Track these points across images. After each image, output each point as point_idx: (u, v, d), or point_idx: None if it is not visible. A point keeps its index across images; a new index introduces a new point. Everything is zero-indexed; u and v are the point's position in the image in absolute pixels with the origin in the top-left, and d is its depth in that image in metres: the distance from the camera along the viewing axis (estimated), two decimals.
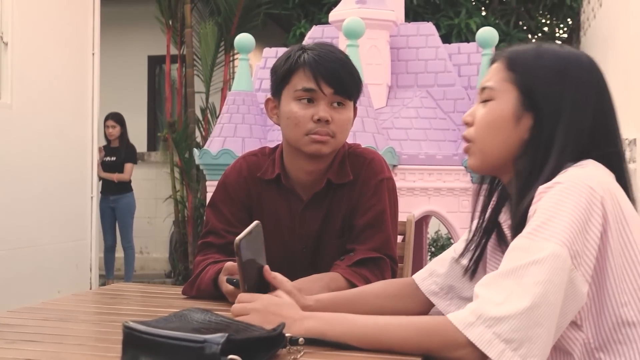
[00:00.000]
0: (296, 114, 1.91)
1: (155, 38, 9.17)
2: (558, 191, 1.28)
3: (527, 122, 1.40)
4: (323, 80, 1.88)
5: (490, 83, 1.46)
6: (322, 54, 1.90)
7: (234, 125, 4.27)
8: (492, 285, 1.23)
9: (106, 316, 1.61)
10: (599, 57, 7.31)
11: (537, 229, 1.25)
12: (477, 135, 1.46)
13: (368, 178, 2.01)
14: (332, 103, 1.91)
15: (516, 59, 1.45)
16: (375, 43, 4.42)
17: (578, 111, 1.38)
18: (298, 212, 2.01)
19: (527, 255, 1.23)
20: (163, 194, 8.98)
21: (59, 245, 6.46)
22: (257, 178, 2.04)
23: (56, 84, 6.44)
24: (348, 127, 1.96)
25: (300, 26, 9.05)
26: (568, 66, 1.41)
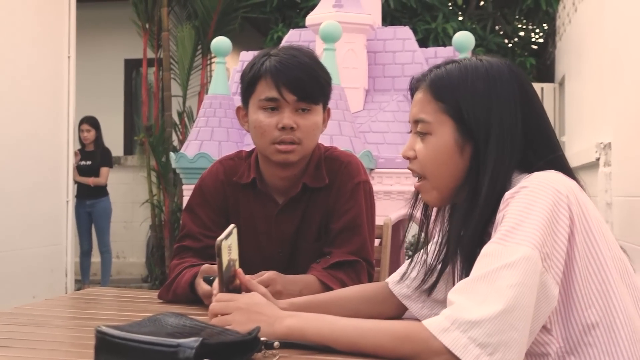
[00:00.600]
0: (261, 123, 1.92)
1: (132, 41, 9.12)
2: (524, 195, 1.29)
3: (469, 148, 1.40)
4: (285, 87, 1.87)
5: (423, 116, 1.44)
6: (285, 60, 1.89)
7: (210, 129, 4.25)
8: (466, 291, 1.23)
9: (80, 321, 1.59)
10: (575, 61, 7.37)
11: (507, 234, 1.25)
12: (426, 172, 1.44)
13: (344, 181, 2.00)
14: (297, 109, 1.91)
15: (441, 87, 1.43)
16: (352, 47, 4.43)
17: (507, 126, 1.38)
18: (273, 216, 2.01)
19: (498, 260, 1.23)
20: (140, 198, 8.93)
21: (34, 250, 6.39)
22: (234, 182, 2.04)
23: (31, 87, 6.38)
24: (316, 132, 1.95)
25: (277, 30, 9.05)
26: (491, 83, 1.40)
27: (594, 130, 5.63)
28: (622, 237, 3.86)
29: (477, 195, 1.37)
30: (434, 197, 1.46)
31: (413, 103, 1.49)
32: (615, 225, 4.32)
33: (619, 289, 1.32)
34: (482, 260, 1.26)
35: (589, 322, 1.30)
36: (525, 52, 10.36)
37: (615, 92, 4.66)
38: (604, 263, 1.31)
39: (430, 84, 1.45)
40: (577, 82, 7.17)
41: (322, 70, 1.95)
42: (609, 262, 1.32)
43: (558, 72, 9.10)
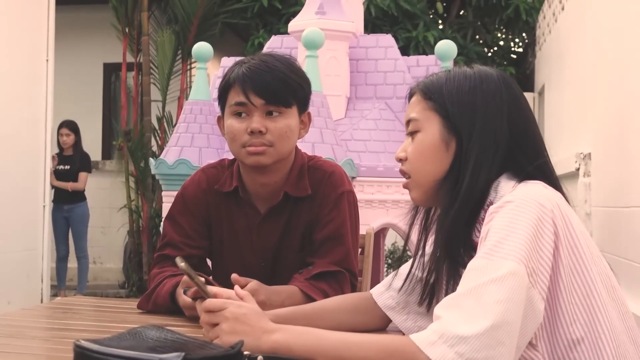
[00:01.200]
0: (232, 128, 1.92)
1: (111, 45, 9.05)
2: (509, 210, 1.28)
3: (453, 145, 1.43)
4: (252, 92, 1.88)
5: (413, 114, 1.48)
6: (254, 66, 1.90)
7: (190, 135, 4.22)
8: (452, 306, 1.21)
9: (57, 332, 1.55)
10: (554, 71, 7.41)
11: (493, 249, 1.24)
12: (412, 168, 1.48)
13: (328, 191, 1.99)
14: (266, 113, 1.90)
15: (430, 86, 1.48)
16: (335, 54, 4.41)
17: (491, 122, 1.41)
18: (255, 225, 1.99)
19: (484, 275, 1.21)
20: (117, 204, 8.85)
21: (9, 255, 6.31)
22: (216, 190, 2.01)
23: (8, 90, 6.30)
24: (289, 135, 1.93)
25: (258, 36, 9.02)
26: (477, 82, 1.45)
27: (574, 140, 5.65)
28: (602, 247, 3.87)
29: (457, 191, 1.39)
30: (418, 194, 1.48)
31: (408, 107, 1.54)
32: (594, 236, 4.33)
33: (605, 304, 1.31)
34: (469, 274, 1.24)
35: (574, 337, 1.29)
36: (504, 61, 10.42)
37: (595, 102, 4.68)
38: (590, 277, 1.30)
39: (422, 86, 1.50)
40: (557, 91, 7.21)
41: (294, 73, 1.94)
42: (594, 277, 1.31)
43: (538, 82, 9.15)
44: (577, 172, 4.77)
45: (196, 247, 2.00)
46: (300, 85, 1.95)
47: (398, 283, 1.65)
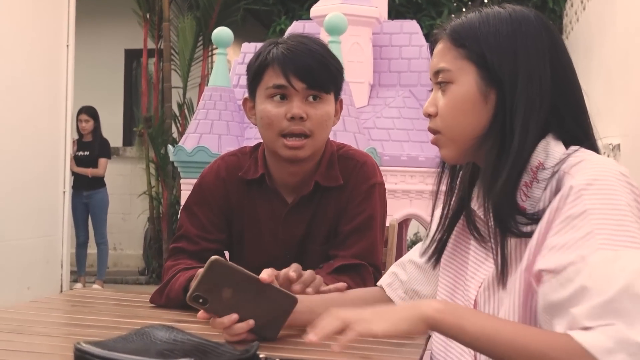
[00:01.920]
0: (269, 113, 1.79)
1: (133, 32, 9.02)
2: (602, 189, 1.14)
3: (493, 96, 1.28)
4: (293, 74, 1.75)
5: (443, 64, 1.32)
6: (293, 47, 1.78)
7: (210, 122, 4.14)
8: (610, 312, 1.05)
9: (64, 327, 1.48)
10: (582, 60, 7.25)
11: (613, 237, 1.10)
12: (445, 124, 1.32)
13: (359, 183, 1.88)
14: (307, 98, 1.78)
15: (462, 31, 1.31)
16: (358, 40, 4.31)
17: (535, 70, 1.26)
18: (282, 216, 1.89)
19: (621, 269, 1.07)
20: (138, 190, 8.83)
21: (29, 241, 6.29)
22: (238, 179, 1.91)
23: (28, 76, 6.27)
24: (328, 123, 1.82)
25: (280, 22, 8.94)
26: (515, 25, 1.29)
27: (602, 131, 5.51)
28: None
29: (504, 147, 1.25)
30: (452, 152, 1.33)
31: (432, 56, 1.37)
32: None
33: None
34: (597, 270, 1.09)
35: None
36: None
37: (625, 92, 4.56)
38: None
39: (450, 31, 1.33)
40: (584, 81, 6.99)
41: (333, 58, 1.83)
42: None
43: None
44: None
45: (213, 241, 1.90)
46: (338, 71, 1.84)
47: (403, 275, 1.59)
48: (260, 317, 1.33)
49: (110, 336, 1.23)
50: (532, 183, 1.25)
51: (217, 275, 1.30)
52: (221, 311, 1.31)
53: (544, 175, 1.24)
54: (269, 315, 1.35)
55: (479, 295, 1.33)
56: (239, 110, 4.22)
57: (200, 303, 1.30)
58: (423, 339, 1.48)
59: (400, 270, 1.61)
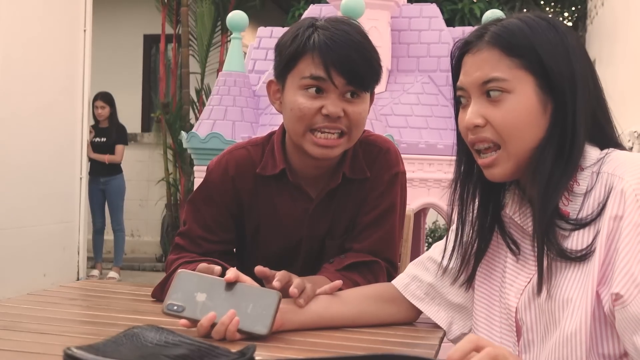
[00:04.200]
0: (301, 105, 1.61)
1: (151, 17, 8.97)
2: None
3: (550, 106, 1.25)
4: (334, 68, 1.58)
5: (497, 74, 1.25)
6: (336, 36, 1.60)
7: (224, 108, 4.06)
8: None
9: (56, 325, 1.40)
10: (607, 45, 7.10)
11: None
12: (506, 137, 1.25)
13: (382, 171, 1.75)
14: (345, 94, 1.62)
15: (514, 40, 1.26)
16: (376, 24, 4.20)
17: (586, 77, 1.26)
18: (308, 212, 1.76)
19: None
20: (155, 176, 8.79)
21: (45, 227, 6.27)
22: (251, 174, 1.77)
23: (45, 61, 6.23)
24: (363, 122, 1.67)
25: (299, 7, 8.85)
26: (560, 32, 1.27)
27: (628, 117, 5.39)
28: None
29: (566, 158, 1.23)
30: (509, 168, 1.28)
31: (470, 67, 1.29)
32: None
33: None
34: None
35: None
36: None
37: None
38: None
39: (498, 39, 1.27)
40: (609, 66, 6.91)
41: (375, 52, 1.66)
42: None
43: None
44: (630, 151, 4.52)
45: (216, 242, 1.78)
46: (380, 66, 1.68)
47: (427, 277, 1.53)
48: (242, 315, 1.29)
49: (105, 334, 1.17)
50: (573, 187, 1.24)
51: (186, 283, 1.33)
52: (199, 315, 1.29)
53: (583, 176, 1.24)
54: (252, 312, 1.30)
55: (520, 303, 1.31)
56: (253, 96, 4.13)
57: (176, 311, 1.31)
58: (437, 339, 1.41)
59: (420, 271, 1.54)
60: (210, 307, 1.30)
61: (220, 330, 1.27)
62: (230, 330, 1.27)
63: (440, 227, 7.38)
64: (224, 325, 1.27)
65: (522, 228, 1.34)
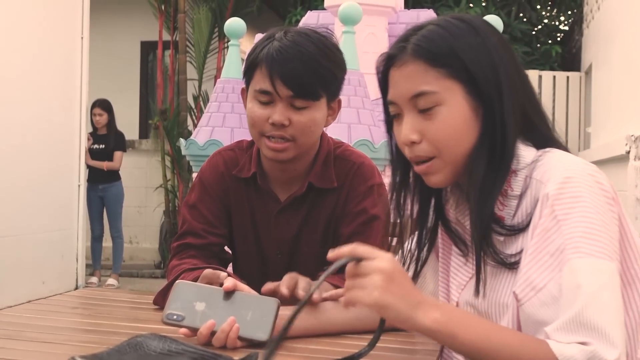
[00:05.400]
0: (252, 113, 1.73)
1: (148, 23, 8.98)
2: (572, 197, 1.15)
3: (480, 110, 1.25)
4: (279, 80, 1.66)
5: (425, 87, 1.23)
6: (284, 48, 1.67)
7: (222, 115, 4.07)
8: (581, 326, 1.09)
9: (61, 333, 1.41)
10: (603, 49, 7.12)
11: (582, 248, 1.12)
12: (441, 148, 1.25)
13: (356, 184, 1.82)
14: (292, 103, 1.70)
15: (436, 50, 1.24)
16: (373, 30, 4.22)
17: (511, 76, 1.25)
18: (274, 215, 1.83)
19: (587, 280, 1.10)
20: (154, 183, 8.79)
21: (44, 235, 6.26)
22: (234, 175, 1.86)
23: (42, 68, 6.23)
24: (313, 129, 1.74)
25: (296, 13, 8.86)
26: (481, 34, 1.25)
27: (624, 121, 5.40)
28: None
29: (498, 161, 1.23)
30: (447, 175, 1.27)
31: (397, 81, 1.28)
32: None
33: None
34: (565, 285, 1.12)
35: None
36: (550, 39, 10.09)
37: None
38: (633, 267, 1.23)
39: (420, 51, 1.25)
40: (606, 70, 6.92)
41: (329, 59, 1.72)
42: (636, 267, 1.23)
43: (585, 61, 8.84)
44: (627, 155, 4.54)
45: (218, 235, 1.85)
46: (333, 74, 1.74)
47: None
48: (242, 322, 1.30)
49: (107, 342, 1.17)
50: (507, 191, 1.24)
51: (185, 293, 1.36)
52: (199, 323, 1.30)
53: (516, 181, 1.24)
54: (251, 319, 1.32)
55: (461, 298, 1.34)
56: None
57: (176, 320, 1.33)
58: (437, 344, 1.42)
59: None
60: (209, 316, 1.31)
61: (220, 338, 1.29)
62: (231, 338, 1.28)
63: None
64: (224, 332, 1.28)
65: (463, 226, 1.34)
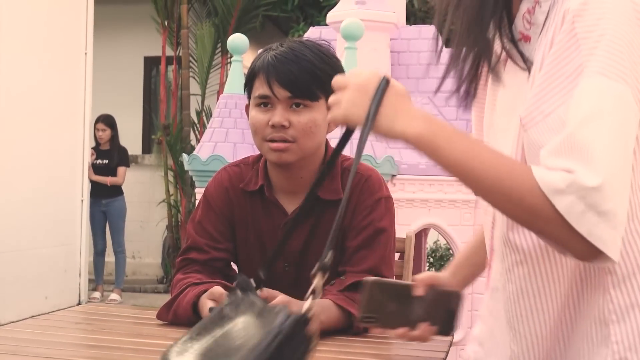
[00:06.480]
0: (254, 119, 1.79)
1: (152, 39, 9.02)
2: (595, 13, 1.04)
3: None
4: (276, 83, 1.75)
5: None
6: (280, 54, 1.77)
7: (225, 130, 4.09)
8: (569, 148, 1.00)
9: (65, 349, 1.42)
10: None
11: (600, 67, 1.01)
12: None
13: (364, 197, 1.83)
14: (291, 106, 1.77)
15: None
16: (375, 46, 4.24)
17: None
18: (280, 227, 1.85)
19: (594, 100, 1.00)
20: (156, 198, 8.80)
21: (46, 250, 6.27)
22: (240, 190, 1.88)
23: (46, 84, 6.26)
24: (313, 130, 1.79)
25: (298, 29, 8.89)
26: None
27: None
28: None
29: None
30: None
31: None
32: None
33: None
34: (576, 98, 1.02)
35: None
36: None
37: None
38: None
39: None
40: None
41: (325, 63, 1.78)
42: None
43: None
44: None
45: (221, 250, 1.87)
46: (330, 76, 1.77)
47: None
48: (433, 317, 1.34)
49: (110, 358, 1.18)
50: (535, 8, 1.15)
51: (376, 294, 1.35)
52: (393, 323, 1.34)
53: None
54: (439, 313, 1.36)
55: None
56: None
57: (371, 321, 1.36)
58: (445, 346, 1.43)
59: None
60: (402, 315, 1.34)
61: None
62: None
63: (441, 247, 7.39)
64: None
65: None
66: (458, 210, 3.90)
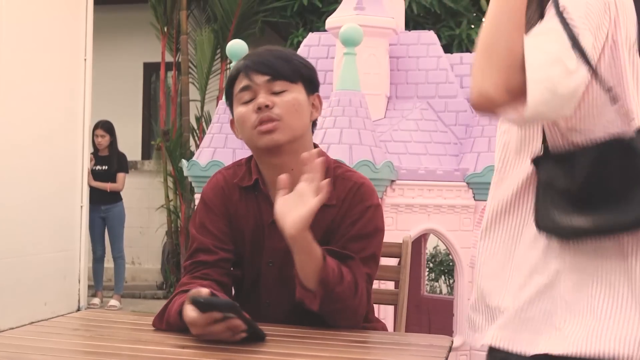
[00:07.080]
0: (239, 113, 1.85)
1: (151, 45, 9.02)
2: None
3: None
4: (254, 71, 1.84)
5: None
6: (256, 52, 1.90)
7: (224, 136, 4.09)
8: None
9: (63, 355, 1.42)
10: None
11: None
12: None
13: (355, 203, 1.87)
14: (272, 90, 1.84)
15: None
16: (374, 51, 4.24)
17: None
18: (268, 224, 1.88)
19: None
20: (156, 204, 8.80)
21: (46, 256, 6.27)
22: (235, 187, 1.92)
23: (45, 90, 6.27)
24: (297, 108, 1.85)
25: (298, 34, 8.89)
26: None
27: None
28: None
29: None
30: None
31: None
32: None
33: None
34: None
35: None
36: None
37: None
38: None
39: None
40: None
41: (297, 56, 1.93)
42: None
43: None
44: None
45: (227, 250, 1.90)
46: (303, 65, 1.92)
47: None
48: None
49: None
50: None
51: None
52: None
53: None
54: None
55: None
56: None
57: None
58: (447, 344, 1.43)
59: None
60: None
61: None
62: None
63: (441, 252, 7.38)
64: None
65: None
66: (457, 216, 3.89)
